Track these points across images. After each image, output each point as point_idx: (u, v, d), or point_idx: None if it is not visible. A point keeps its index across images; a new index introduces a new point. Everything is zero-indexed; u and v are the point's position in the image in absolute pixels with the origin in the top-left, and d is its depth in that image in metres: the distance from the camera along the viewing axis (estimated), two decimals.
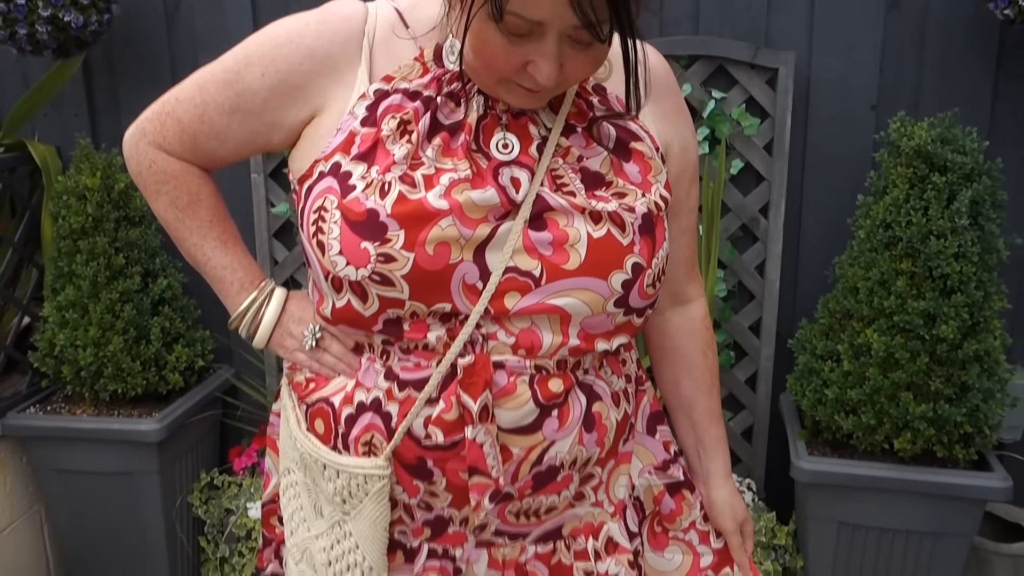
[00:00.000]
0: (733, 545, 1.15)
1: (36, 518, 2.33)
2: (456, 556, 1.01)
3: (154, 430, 2.08)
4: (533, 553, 1.03)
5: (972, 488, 1.77)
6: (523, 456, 0.94)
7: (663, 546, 1.14)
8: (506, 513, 0.99)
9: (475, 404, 0.90)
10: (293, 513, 1.07)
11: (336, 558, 1.01)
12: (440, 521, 0.99)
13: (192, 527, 2.32)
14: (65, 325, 2.11)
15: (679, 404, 1.15)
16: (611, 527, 1.05)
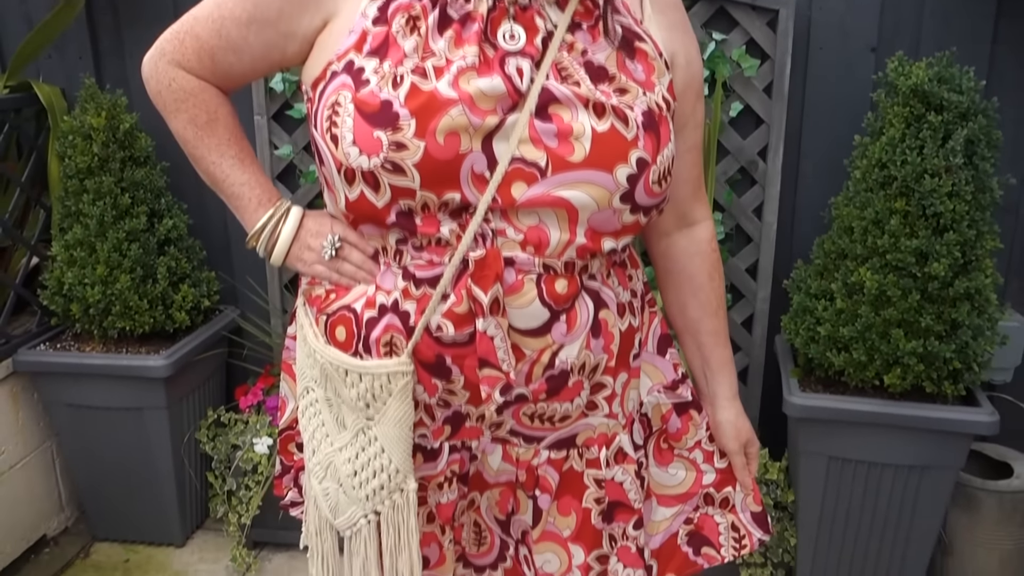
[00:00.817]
0: (736, 465, 1.19)
1: (48, 453, 2.39)
2: (472, 447, 1.06)
3: (161, 366, 2.13)
4: (546, 458, 1.07)
5: (959, 423, 1.81)
6: (535, 358, 0.98)
7: (668, 462, 1.18)
8: (521, 415, 1.03)
9: (486, 296, 0.93)
10: (315, 431, 1.10)
11: (361, 466, 1.04)
12: (458, 417, 1.03)
13: (199, 463, 2.39)
14: (73, 263, 2.15)
15: (686, 326, 1.18)
16: (622, 438, 1.10)
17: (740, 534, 1.20)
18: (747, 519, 1.20)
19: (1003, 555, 2.10)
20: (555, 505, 1.10)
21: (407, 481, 1.03)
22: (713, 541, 1.20)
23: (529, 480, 1.09)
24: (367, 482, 1.04)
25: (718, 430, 1.18)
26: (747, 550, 1.20)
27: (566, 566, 1.11)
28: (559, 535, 1.10)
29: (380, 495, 1.04)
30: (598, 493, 1.08)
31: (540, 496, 1.10)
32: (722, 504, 1.20)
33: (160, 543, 2.39)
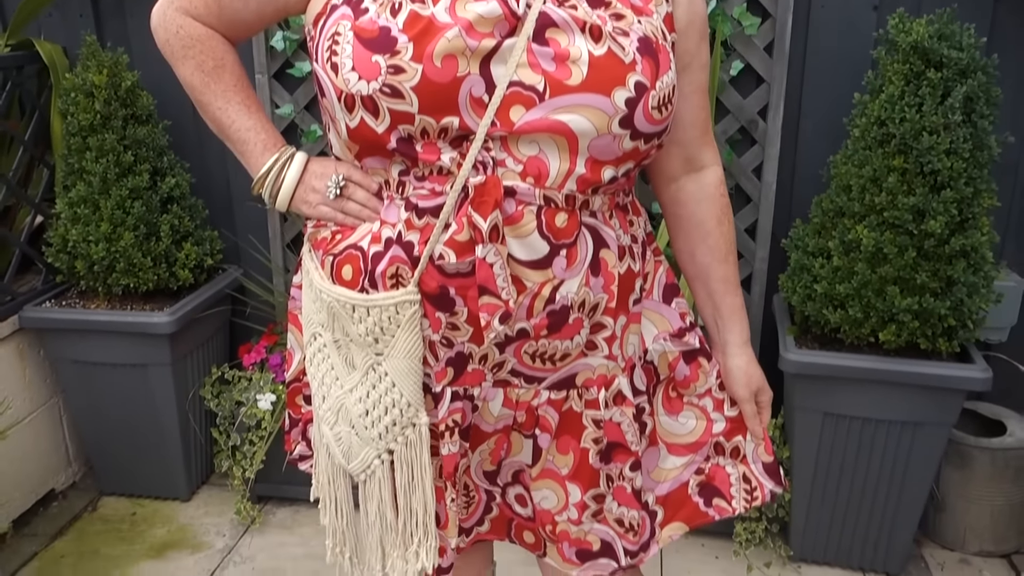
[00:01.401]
0: (747, 413, 1.18)
1: (55, 409, 2.43)
2: (474, 395, 1.07)
3: (165, 323, 2.16)
4: (546, 399, 1.09)
5: (953, 379, 1.83)
6: (536, 291, 1.00)
7: (678, 411, 1.18)
8: (522, 353, 1.04)
9: (485, 223, 0.94)
10: (324, 376, 1.11)
11: (373, 404, 1.06)
12: (461, 358, 1.04)
13: (204, 419, 2.42)
14: (77, 221, 2.17)
15: (696, 273, 1.18)
16: (621, 381, 1.10)
17: (752, 486, 1.20)
18: (759, 470, 1.19)
19: (994, 510, 2.14)
20: (554, 444, 1.11)
21: (419, 415, 1.05)
22: (724, 492, 1.19)
23: (528, 421, 1.11)
24: (379, 420, 1.05)
25: (729, 377, 1.17)
26: (759, 502, 1.19)
27: (563, 503, 1.13)
28: (557, 473, 1.12)
29: (393, 432, 1.05)
30: (596, 433, 1.10)
31: (540, 436, 1.11)
32: (732, 454, 1.19)
33: (166, 497, 2.44)
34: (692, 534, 2.25)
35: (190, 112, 2.28)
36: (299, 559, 2.19)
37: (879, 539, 2.07)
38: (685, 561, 2.16)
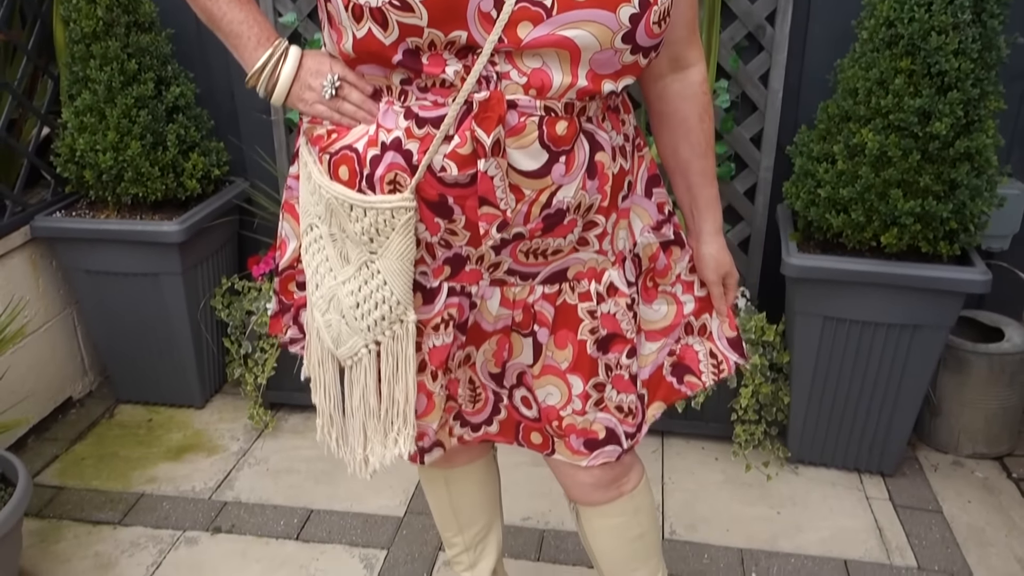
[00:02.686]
0: (714, 295, 1.26)
1: (69, 320, 2.47)
2: (472, 292, 1.12)
3: (175, 231, 2.18)
4: (541, 294, 1.14)
5: (952, 281, 1.85)
6: (534, 197, 1.03)
7: (652, 299, 1.25)
8: (517, 252, 1.08)
9: (488, 138, 0.96)
10: (318, 266, 1.15)
11: (364, 298, 1.10)
12: (458, 259, 1.09)
13: (216, 330, 2.47)
14: (84, 130, 2.17)
15: (676, 167, 1.22)
16: (612, 274, 1.16)
17: (718, 360, 1.28)
18: (723, 345, 1.28)
19: (988, 414, 2.19)
20: (552, 339, 1.16)
21: (407, 313, 1.09)
22: (694, 369, 1.28)
23: (525, 319, 1.15)
24: (369, 313, 1.10)
25: (701, 263, 1.25)
26: (725, 374, 1.28)
27: (566, 396, 1.18)
28: (558, 367, 1.17)
29: (381, 325, 1.10)
30: (592, 324, 1.15)
31: (539, 331, 1.16)
32: (700, 331, 1.28)
33: (180, 405, 2.50)
34: (692, 437, 2.31)
35: (193, 21, 2.26)
36: (312, 461, 2.26)
37: (875, 441, 2.12)
38: (685, 462, 2.23)
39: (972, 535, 1.97)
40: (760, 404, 2.15)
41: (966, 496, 2.10)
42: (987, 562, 1.88)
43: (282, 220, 1.28)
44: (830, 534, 1.97)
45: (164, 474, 2.21)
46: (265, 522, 2.02)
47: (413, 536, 1.97)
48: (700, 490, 2.13)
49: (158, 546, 1.95)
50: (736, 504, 2.07)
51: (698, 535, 1.97)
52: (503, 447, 1.49)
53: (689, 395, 1.29)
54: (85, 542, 1.97)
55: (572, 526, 1.98)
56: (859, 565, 1.87)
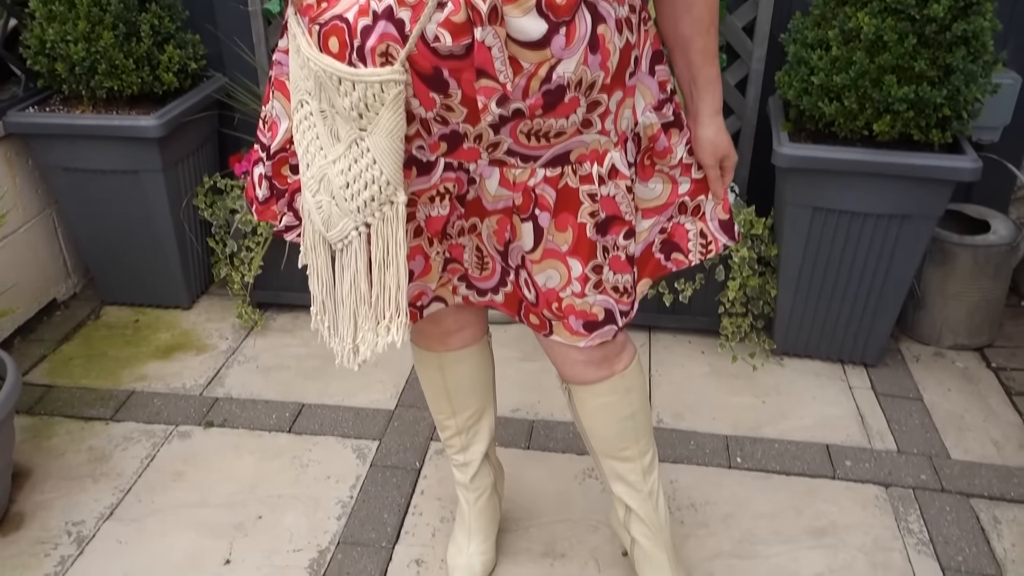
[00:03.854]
0: (711, 177, 1.24)
1: (49, 220, 2.43)
2: (470, 169, 1.09)
3: (154, 126, 2.13)
4: (542, 177, 1.11)
5: (942, 169, 1.85)
6: (533, 71, 0.99)
7: (648, 177, 1.23)
8: (518, 133, 1.05)
9: (484, 4, 0.92)
10: (308, 145, 1.11)
11: (354, 178, 1.07)
12: (455, 136, 1.05)
13: (200, 230, 2.44)
14: (53, 19, 2.09)
15: (677, 43, 1.18)
16: (614, 155, 1.13)
17: (707, 240, 1.28)
18: (715, 227, 1.28)
19: (971, 306, 2.22)
20: (553, 223, 1.14)
21: (397, 194, 1.06)
22: (682, 247, 1.28)
23: (526, 202, 1.13)
24: (358, 194, 1.07)
25: (698, 144, 1.22)
26: (712, 254, 1.29)
27: (566, 279, 1.17)
28: (558, 251, 1.16)
29: (371, 207, 1.07)
30: (592, 207, 1.13)
31: (540, 215, 1.14)
32: (693, 212, 1.27)
33: (167, 306, 2.49)
34: (679, 332, 2.34)
35: None
36: (302, 358, 2.27)
37: (859, 333, 2.15)
38: (672, 356, 2.26)
39: (951, 421, 2.02)
40: (747, 297, 2.17)
41: (946, 385, 2.15)
42: (964, 445, 1.94)
43: (272, 99, 1.24)
44: (813, 421, 2.01)
45: (154, 372, 2.22)
46: (257, 416, 2.04)
47: (404, 428, 2.00)
48: (687, 382, 2.16)
49: (151, 440, 1.97)
50: (722, 394, 2.11)
51: (685, 423, 2.01)
52: (494, 340, 1.50)
53: (673, 271, 1.30)
54: (78, 437, 1.98)
55: (561, 416, 2.02)
56: (840, 449, 1.92)
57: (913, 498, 1.78)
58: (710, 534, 1.70)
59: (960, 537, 1.68)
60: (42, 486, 1.83)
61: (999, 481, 1.82)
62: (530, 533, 1.70)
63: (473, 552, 1.58)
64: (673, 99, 1.20)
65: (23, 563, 1.64)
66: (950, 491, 1.80)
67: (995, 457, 1.90)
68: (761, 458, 1.89)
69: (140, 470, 1.87)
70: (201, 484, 1.83)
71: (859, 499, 1.78)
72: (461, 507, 1.60)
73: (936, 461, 1.88)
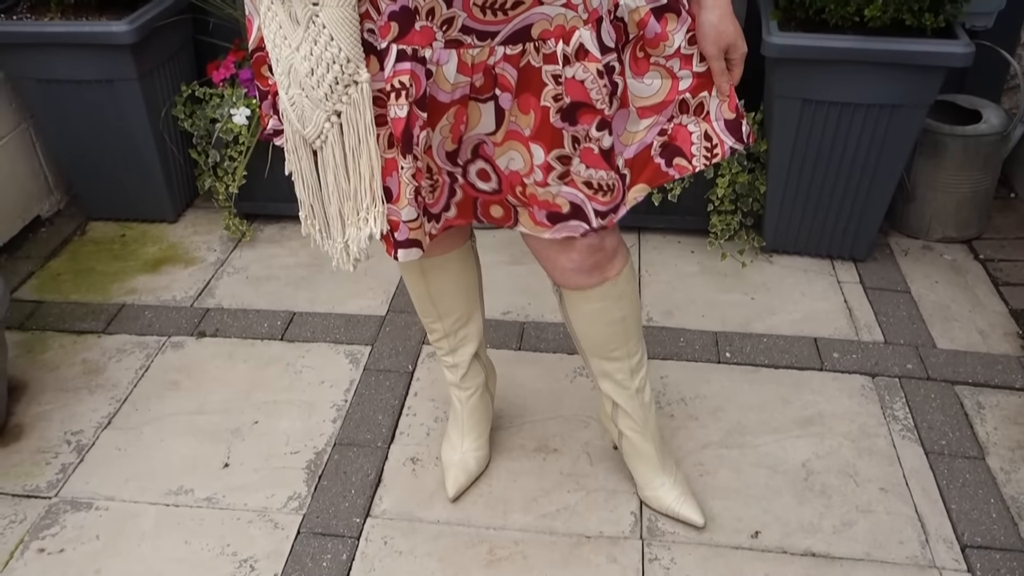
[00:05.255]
0: (715, 70, 1.15)
1: (26, 136, 2.38)
2: (426, 57, 1.04)
3: (126, 31, 2.06)
4: (502, 55, 1.05)
5: (934, 55, 1.81)
6: None
7: (643, 71, 1.15)
8: (471, 5, 1.00)
9: None
10: (274, 37, 1.08)
11: (316, 62, 1.04)
12: (406, 13, 1.00)
13: (181, 141, 2.40)
14: None
15: None
16: (583, 34, 1.05)
17: (712, 143, 1.19)
18: (720, 127, 1.19)
19: (960, 198, 2.21)
20: (516, 104, 1.09)
21: (359, 72, 1.03)
22: (685, 151, 1.19)
23: (487, 83, 1.07)
24: (323, 79, 1.04)
25: (700, 31, 1.12)
26: (718, 159, 1.20)
27: (528, 167, 1.12)
28: (521, 134, 1.11)
29: (336, 91, 1.04)
30: (556, 90, 1.07)
31: (501, 96, 1.08)
32: (696, 111, 1.18)
33: (153, 220, 2.47)
34: (668, 232, 2.33)
35: None
36: (290, 267, 2.26)
37: (848, 228, 2.15)
38: (662, 256, 2.26)
39: (937, 311, 2.04)
40: (736, 194, 2.15)
41: (934, 277, 2.16)
42: (950, 334, 1.96)
43: None
44: (801, 316, 2.03)
45: (143, 286, 2.21)
46: (249, 325, 2.05)
47: (396, 332, 2.01)
48: (676, 280, 2.17)
49: (144, 351, 1.98)
50: (711, 292, 2.12)
51: (674, 320, 2.02)
52: (482, 245, 1.47)
53: (676, 178, 1.23)
54: (71, 350, 1.99)
55: (551, 318, 2.03)
56: (828, 342, 1.94)
57: (899, 386, 1.81)
58: (699, 426, 1.73)
59: (944, 422, 1.72)
60: (39, 398, 1.85)
61: (983, 368, 1.85)
62: (523, 430, 1.73)
63: (467, 449, 1.61)
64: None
65: (26, 471, 1.67)
66: (935, 379, 1.83)
67: (980, 345, 1.92)
68: (750, 352, 1.92)
69: (135, 380, 1.89)
70: (196, 392, 1.85)
71: (846, 389, 1.81)
72: (454, 406, 1.62)
73: (922, 351, 1.91)
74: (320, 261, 2.28)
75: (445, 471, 1.61)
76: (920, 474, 1.61)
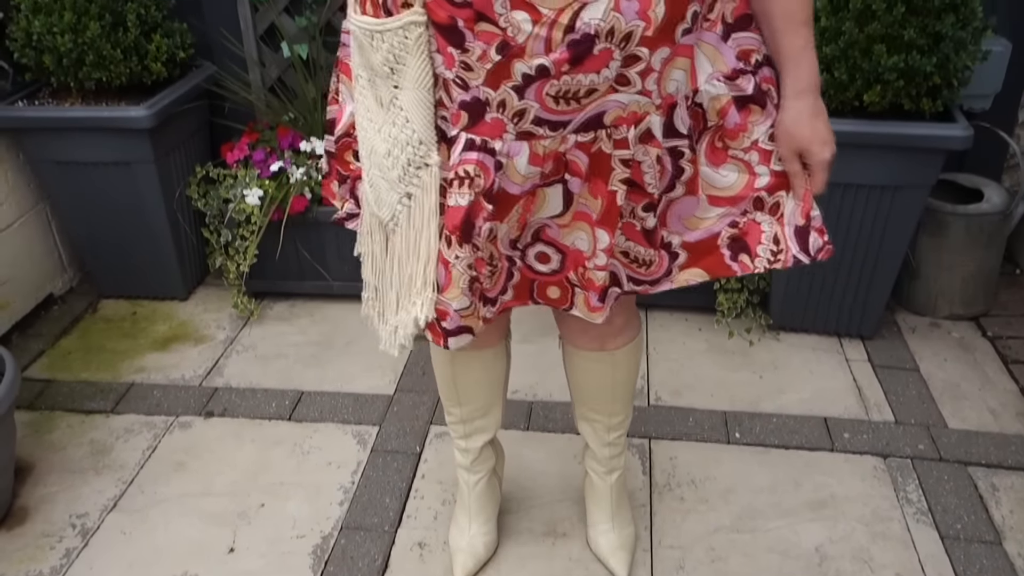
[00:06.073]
0: (789, 172, 1.10)
1: (43, 215, 2.43)
2: (496, 149, 1.03)
3: (144, 116, 2.12)
4: (574, 143, 1.04)
5: (934, 138, 1.84)
6: (554, 18, 0.93)
7: (721, 162, 1.11)
8: (544, 95, 0.99)
9: None
10: (362, 120, 1.12)
11: (393, 143, 1.06)
12: (477, 104, 1.01)
13: (194, 220, 2.44)
14: (39, 11, 2.08)
15: (759, 7, 1.05)
16: (653, 119, 1.04)
17: (779, 247, 1.13)
18: (790, 233, 1.12)
19: (965, 275, 2.22)
20: (586, 187, 1.08)
21: (430, 155, 1.05)
22: (752, 249, 1.14)
23: (556, 168, 1.06)
24: (398, 160, 1.06)
25: (776, 130, 1.08)
26: (780, 265, 1.13)
27: (592, 249, 1.12)
28: (589, 216, 1.10)
29: (409, 173, 1.06)
30: (624, 174, 1.06)
31: (571, 180, 1.08)
32: (772, 210, 1.12)
33: (164, 297, 2.49)
34: (675, 310, 2.34)
35: None
36: (300, 345, 2.27)
37: (855, 305, 2.16)
38: (669, 333, 2.26)
39: (947, 390, 2.03)
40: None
41: (942, 355, 2.16)
42: (961, 413, 1.95)
43: (337, 81, 1.23)
44: (811, 394, 2.02)
45: (153, 364, 2.22)
46: (257, 405, 2.05)
47: (404, 412, 2.00)
48: (684, 359, 2.17)
49: (152, 431, 1.98)
50: (719, 370, 2.12)
51: (683, 400, 2.02)
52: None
53: (738, 274, 1.17)
54: (79, 430, 1.99)
55: (560, 397, 2.02)
56: (838, 422, 1.93)
57: (911, 468, 1.79)
58: (710, 509, 1.71)
59: (959, 505, 1.69)
60: (45, 480, 1.84)
61: (996, 449, 1.83)
62: (531, 513, 1.71)
63: (475, 533, 1.59)
64: (759, 73, 1.07)
65: (29, 556, 1.65)
66: (948, 460, 1.81)
67: (992, 425, 1.91)
68: (760, 433, 1.90)
69: (142, 461, 1.88)
70: (203, 473, 1.84)
71: (858, 471, 1.79)
72: (461, 489, 1.61)
73: (933, 431, 1.89)
74: (329, 339, 2.29)
75: (453, 556, 1.59)
76: (936, 559, 1.58)
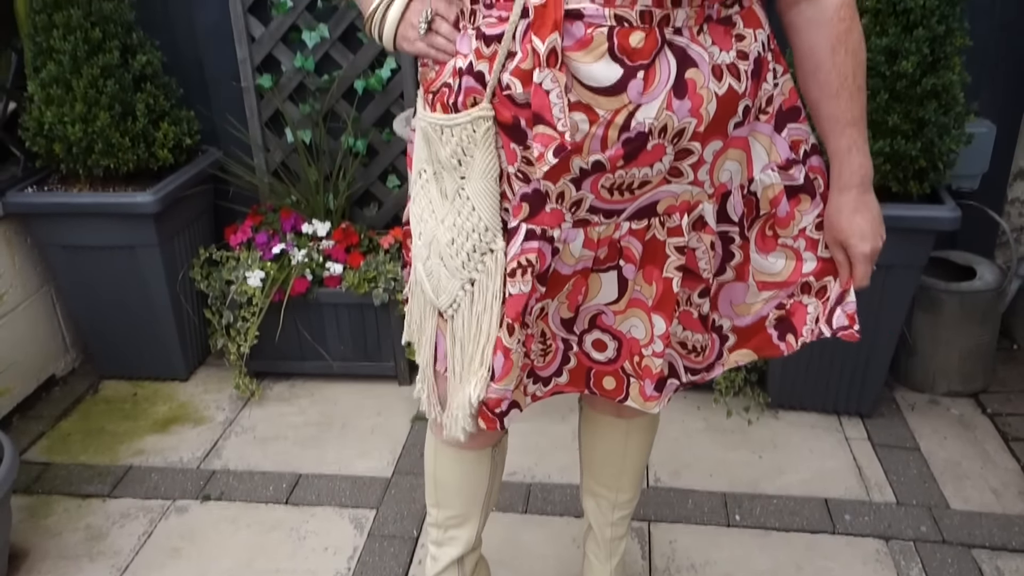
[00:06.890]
0: (835, 260, 1.14)
1: (47, 297, 2.46)
2: (554, 237, 1.06)
3: (150, 202, 2.17)
4: (627, 230, 1.07)
5: (922, 219, 1.88)
6: (609, 119, 0.96)
7: (770, 250, 1.15)
8: (599, 188, 1.02)
9: (543, 46, 0.93)
10: (422, 212, 1.14)
11: (458, 231, 1.08)
12: (537, 196, 1.04)
13: (196, 301, 2.47)
14: (51, 102, 2.15)
15: (810, 107, 1.10)
16: (706, 207, 1.07)
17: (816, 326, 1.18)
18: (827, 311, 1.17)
19: (962, 352, 2.23)
20: (640, 274, 1.10)
21: (496, 240, 1.07)
22: (798, 329, 1.18)
23: (611, 254, 1.09)
24: (462, 247, 1.08)
25: (824, 220, 1.13)
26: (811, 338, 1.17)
27: (648, 336, 1.13)
28: (644, 302, 1.12)
29: (473, 259, 1.08)
30: (679, 261, 1.08)
31: (624, 267, 1.10)
32: (818, 293, 1.17)
33: (165, 378, 2.51)
34: None
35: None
36: (299, 427, 2.27)
37: (852, 383, 2.16)
38: (667, 412, 2.26)
39: (948, 469, 2.01)
40: None
41: (942, 433, 2.15)
42: (963, 494, 1.93)
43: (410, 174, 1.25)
44: (811, 475, 2.01)
45: (151, 446, 2.22)
46: (254, 488, 2.04)
47: (402, 495, 1.99)
48: (683, 437, 2.16)
49: (148, 516, 1.96)
50: (718, 450, 2.11)
51: (682, 481, 2.00)
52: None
53: (784, 354, 1.20)
54: (75, 515, 1.98)
55: (559, 479, 2.01)
56: (839, 503, 1.91)
57: (914, 551, 1.77)
58: None
59: None
60: (39, 567, 1.82)
61: (1000, 530, 1.81)
62: None
63: None
64: (808, 162, 1.12)
65: None
66: (951, 542, 1.79)
67: (995, 505, 1.89)
68: (760, 515, 1.88)
69: (137, 547, 1.87)
70: (199, 560, 1.83)
71: (860, 554, 1.77)
72: None
73: (935, 512, 1.87)
74: (328, 419, 2.29)
75: None
76: None
